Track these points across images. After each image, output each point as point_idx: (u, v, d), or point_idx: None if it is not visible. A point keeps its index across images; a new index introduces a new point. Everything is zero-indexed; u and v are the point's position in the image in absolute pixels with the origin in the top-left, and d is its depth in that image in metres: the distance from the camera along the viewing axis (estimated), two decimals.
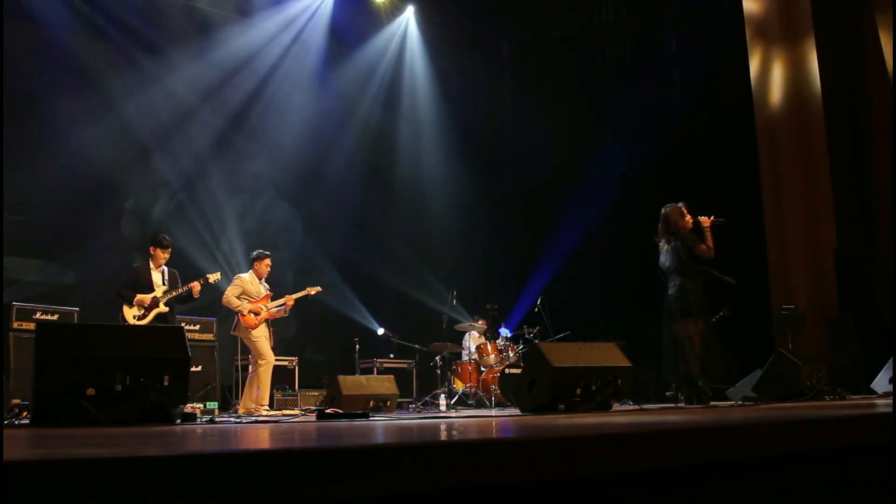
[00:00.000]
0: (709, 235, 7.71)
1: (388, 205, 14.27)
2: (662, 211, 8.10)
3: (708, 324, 7.74)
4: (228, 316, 9.22)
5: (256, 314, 8.70)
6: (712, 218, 7.82)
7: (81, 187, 10.69)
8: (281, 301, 8.98)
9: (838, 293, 11.30)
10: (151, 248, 8.54)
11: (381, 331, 12.25)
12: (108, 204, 11.20)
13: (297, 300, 9.09)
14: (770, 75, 12.52)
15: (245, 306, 8.67)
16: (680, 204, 8.04)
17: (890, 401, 6.60)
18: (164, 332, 5.88)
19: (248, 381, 8.66)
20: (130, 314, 8.17)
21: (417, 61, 14.58)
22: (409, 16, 14.50)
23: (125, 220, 11.42)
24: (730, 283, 8.34)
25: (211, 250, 11.69)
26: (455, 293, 10.90)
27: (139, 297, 8.24)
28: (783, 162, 12.26)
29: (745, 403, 7.41)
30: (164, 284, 8.44)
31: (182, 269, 8.98)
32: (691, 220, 7.88)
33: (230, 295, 8.75)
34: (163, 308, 8.31)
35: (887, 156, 11.42)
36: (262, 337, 8.70)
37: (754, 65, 12.65)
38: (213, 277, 8.74)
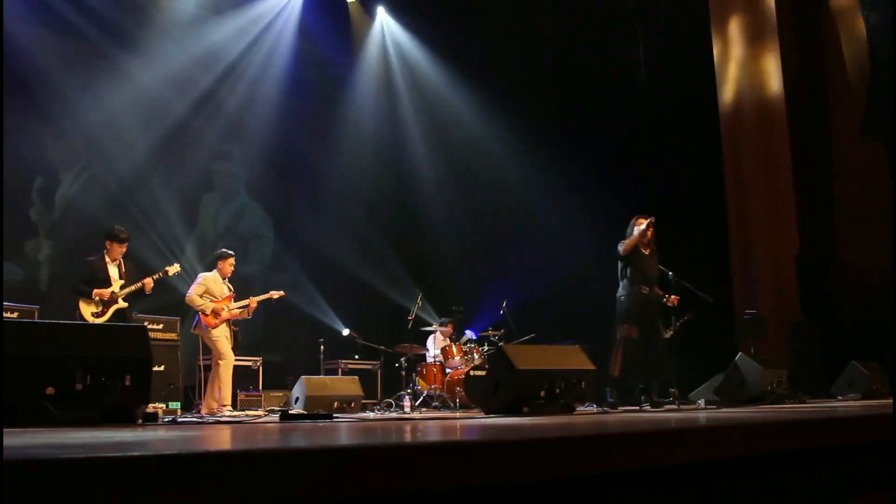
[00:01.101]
0: (634, 237, 7.92)
1: (357, 205, 14.22)
2: None
3: (645, 330, 7.84)
4: (192, 315, 9.12)
5: (218, 314, 8.63)
6: (648, 220, 8.03)
7: (27, 185, 10.58)
8: (244, 302, 8.92)
9: (800, 299, 11.46)
10: (108, 242, 8.28)
11: (346, 331, 12.21)
12: (57, 201, 11.01)
13: (258, 303, 9.03)
14: (734, 85, 12.68)
15: (208, 305, 8.60)
16: (639, 217, 8.16)
17: (848, 405, 6.70)
18: (126, 330, 5.78)
19: (210, 382, 8.59)
20: (88, 311, 8.01)
21: (400, 58, 14.60)
22: (383, 18, 14.59)
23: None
24: (707, 300, 8.48)
25: (174, 252, 11.59)
26: (421, 295, 10.89)
27: (97, 291, 8.05)
28: (747, 169, 12.42)
29: (708, 406, 7.49)
30: (120, 279, 8.24)
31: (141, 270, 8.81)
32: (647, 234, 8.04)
33: (194, 294, 8.65)
34: (122, 304, 8.15)
35: (849, 163, 11.60)
36: (221, 336, 8.61)
37: (719, 73, 12.80)
38: (173, 270, 8.62)
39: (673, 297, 8.20)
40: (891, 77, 10.60)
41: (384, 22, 14.67)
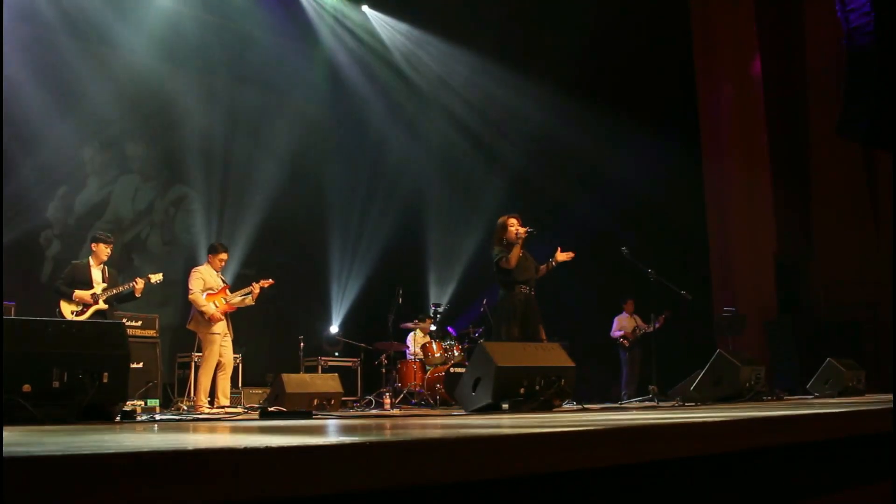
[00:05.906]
0: (517, 247, 7.62)
1: (334, 202, 14.17)
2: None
3: (527, 330, 7.75)
4: (167, 312, 9.02)
5: (214, 318, 8.47)
6: (526, 229, 7.66)
7: None
8: (247, 290, 8.80)
9: (777, 296, 11.55)
10: (93, 245, 8.27)
11: (334, 329, 12.20)
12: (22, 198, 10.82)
13: (247, 293, 8.89)
14: (715, 83, 12.74)
15: (210, 309, 8.46)
16: (509, 216, 7.93)
17: (819, 401, 6.76)
18: (103, 327, 5.72)
19: (206, 378, 8.47)
20: (68, 310, 7.95)
21: (360, 45, 14.43)
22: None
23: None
24: (686, 297, 8.52)
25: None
26: (401, 291, 10.89)
27: (78, 293, 7.99)
28: (727, 168, 12.50)
29: (686, 403, 7.53)
30: (103, 282, 8.19)
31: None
32: (515, 232, 7.70)
33: (196, 291, 8.47)
34: (102, 305, 8.09)
35: (826, 163, 11.69)
36: (218, 337, 8.49)
37: (700, 69, 12.87)
38: (156, 278, 8.49)
39: (661, 317, 8.18)
40: (866, 77, 10.68)
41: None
